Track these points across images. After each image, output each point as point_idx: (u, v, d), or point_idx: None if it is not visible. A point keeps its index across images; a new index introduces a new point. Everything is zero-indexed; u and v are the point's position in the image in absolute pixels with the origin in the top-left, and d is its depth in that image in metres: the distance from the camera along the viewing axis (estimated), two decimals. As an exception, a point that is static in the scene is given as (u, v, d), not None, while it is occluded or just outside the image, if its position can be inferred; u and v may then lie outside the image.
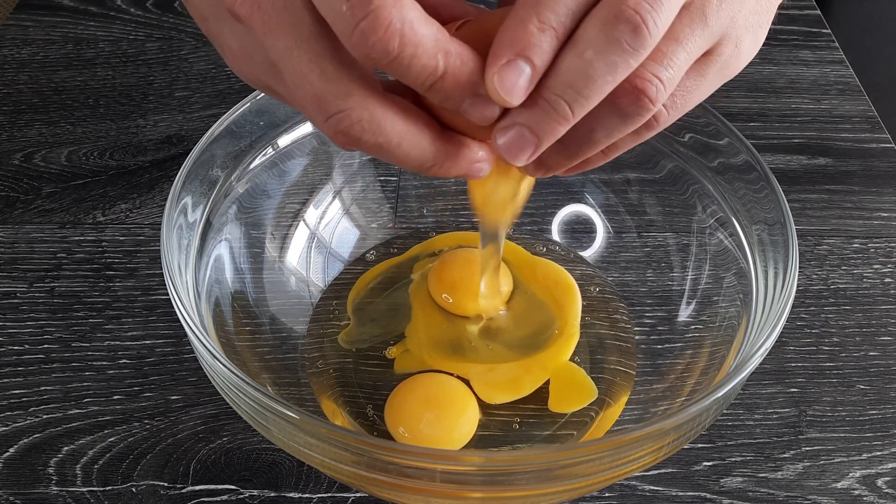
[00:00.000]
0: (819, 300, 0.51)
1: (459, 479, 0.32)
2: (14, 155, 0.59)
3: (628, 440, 0.31)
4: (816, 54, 0.69)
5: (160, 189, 0.56)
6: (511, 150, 0.27)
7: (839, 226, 0.55)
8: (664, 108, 0.28)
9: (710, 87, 0.29)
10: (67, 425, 0.44)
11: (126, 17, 0.71)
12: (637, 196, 0.50)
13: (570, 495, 0.37)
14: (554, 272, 0.49)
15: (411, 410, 0.42)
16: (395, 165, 0.53)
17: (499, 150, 0.27)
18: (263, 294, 0.47)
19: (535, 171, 0.30)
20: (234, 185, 0.45)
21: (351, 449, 0.31)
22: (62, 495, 0.41)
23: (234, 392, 0.33)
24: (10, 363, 0.47)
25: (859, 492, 0.42)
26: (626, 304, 0.48)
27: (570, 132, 0.27)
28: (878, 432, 0.45)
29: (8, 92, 0.63)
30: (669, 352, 0.45)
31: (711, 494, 0.42)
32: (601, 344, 0.47)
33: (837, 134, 0.62)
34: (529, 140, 0.27)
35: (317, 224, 0.50)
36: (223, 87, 0.64)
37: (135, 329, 0.48)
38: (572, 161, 0.29)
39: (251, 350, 0.43)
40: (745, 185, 0.43)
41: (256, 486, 0.42)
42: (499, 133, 0.27)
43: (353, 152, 0.51)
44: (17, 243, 0.53)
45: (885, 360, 0.48)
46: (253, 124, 0.45)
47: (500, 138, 0.27)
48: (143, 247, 0.53)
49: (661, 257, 0.49)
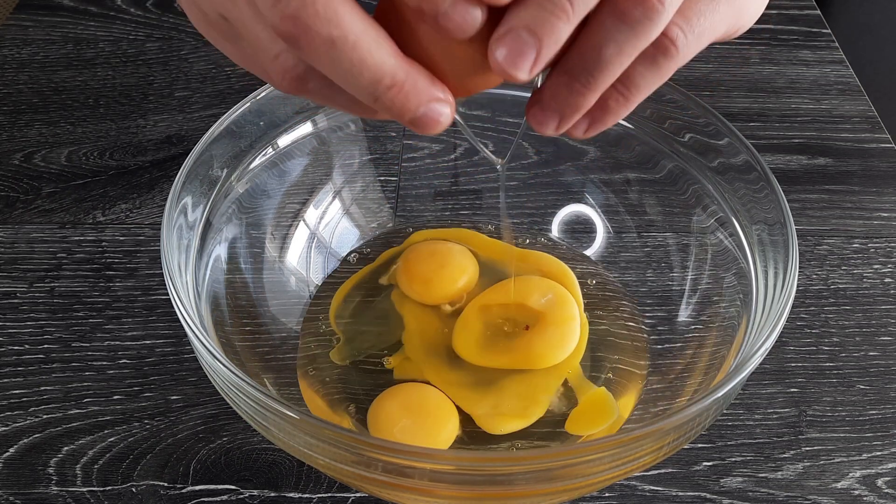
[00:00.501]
0: (819, 300, 0.51)
1: (459, 479, 0.32)
2: (14, 155, 0.59)
3: (628, 440, 0.31)
4: (816, 54, 0.69)
5: (160, 189, 0.56)
6: (511, 58, 0.25)
7: (839, 226, 0.55)
8: (679, 29, 0.27)
9: (724, 15, 0.28)
10: (67, 425, 0.44)
11: (126, 17, 0.71)
12: (637, 196, 0.50)
13: (570, 495, 0.37)
14: (546, 262, 0.49)
15: (388, 417, 0.42)
16: (394, 165, 0.53)
17: (499, 65, 0.25)
18: (263, 294, 0.46)
19: (548, 121, 0.28)
20: (234, 185, 0.45)
21: (351, 449, 0.31)
22: (62, 495, 0.41)
23: (234, 392, 0.33)
24: (10, 363, 0.47)
25: (859, 492, 0.42)
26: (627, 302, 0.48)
27: (578, 55, 0.26)
28: (878, 432, 0.45)
29: (8, 92, 0.63)
30: (669, 352, 0.45)
31: (711, 494, 0.42)
32: (603, 342, 0.47)
33: (837, 134, 0.62)
34: (529, 43, 0.25)
35: (317, 224, 0.50)
36: (223, 87, 0.64)
37: (135, 329, 0.48)
38: (586, 96, 0.27)
39: (251, 350, 0.43)
40: (745, 185, 0.43)
41: (256, 486, 0.42)
42: (496, 45, 0.25)
43: (353, 151, 0.51)
44: (17, 243, 0.53)
45: (885, 360, 0.48)
46: (253, 124, 0.45)
47: (498, 49, 0.25)
48: (143, 247, 0.53)
49: (661, 257, 0.49)
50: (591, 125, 0.29)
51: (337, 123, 0.49)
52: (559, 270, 0.49)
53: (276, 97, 0.45)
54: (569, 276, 0.48)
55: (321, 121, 0.48)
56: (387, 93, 0.25)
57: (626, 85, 0.28)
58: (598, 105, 0.28)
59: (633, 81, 0.28)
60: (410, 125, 0.27)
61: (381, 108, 0.26)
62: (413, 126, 0.27)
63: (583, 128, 0.29)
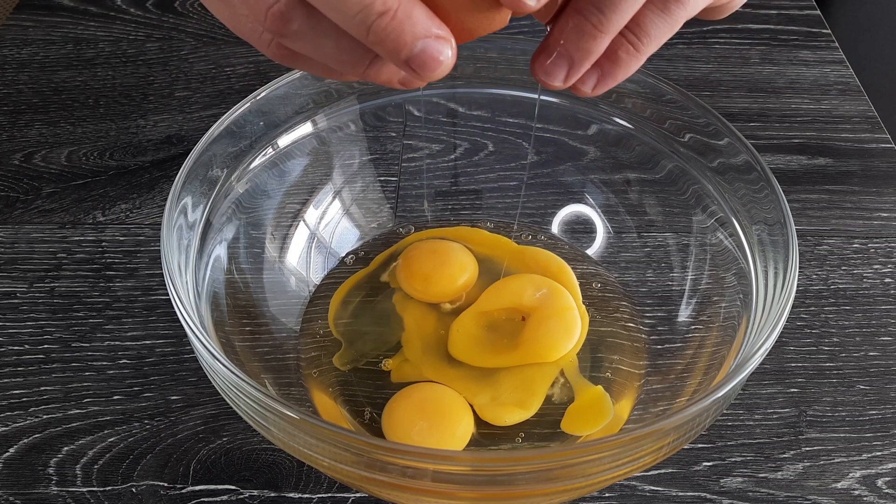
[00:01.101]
0: (819, 300, 0.51)
1: (458, 480, 0.32)
2: (14, 155, 0.59)
3: (628, 440, 0.31)
4: (816, 54, 0.69)
5: (160, 189, 0.56)
6: None
7: (839, 226, 0.55)
8: None
9: None
10: (67, 425, 0.44)
11: (126, 17, 0.71)
12: (637, 196, 0.50)
13: (570, 495, 0.37)
14: (543, 257, 0.49)
15: (404, 419, 0.42)
16: (394, 165, 0.53)
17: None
18: (263, 294, 0.46)
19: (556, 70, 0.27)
20: (234, 185, 0.45)
21: (351, 449, 0.31)
22: (62, 495, 0.41)
23: (234, 392, 0.33)
24: (10, 363, 0.47)
25: (859, 492, 0.42)
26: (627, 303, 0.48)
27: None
28: (878, 432, 0.45)
29: (8, 92, 0.63)
30: (669, 352, 0.45)
31: (711, 494, 0.42)
32: (603, 342, 0.47)
33: (837, 134, 0.62)
34: None
35: (317, 224, 0.50)
36: (223, 87, 0.64)
37: (135, 329, 0.48)
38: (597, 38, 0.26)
39: (251, 350, 0.43)
40: (745, 185, 0.42)
41: (256, 486, 0.42)
42: None
43: (353, 151, 0.51)
44: (17, 243, 0.53)
45: (885, 360, 0.48)
46: (253, 124, 0.45)
47: None
48: (143, 247, 0.53)
49: (661, 257, 0.49)
50: (600, 79, 0.28)
51: (337, 123, 0.49)
52: (556, 265, 0.49)
53: (276, 97, 0.45)
54: (565, 271, 0.48)
55: (321, 121, 0.48)
56: (379, 20, 0.23)
57: (637, 33, 0.27)
58: (607, 55, 0.27)
59: (644, 29, 0.27)
60: (407, 67, 0.24)
61: (374, 41, 0.24)
62: (411, 68, 0.24)
63: (591, 82, 0.28)
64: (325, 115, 0.48)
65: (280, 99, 0.46)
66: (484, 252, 0.50)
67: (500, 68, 0.49)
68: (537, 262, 0.49)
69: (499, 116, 0.52)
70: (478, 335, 0.46)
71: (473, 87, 0.51)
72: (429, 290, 0.47)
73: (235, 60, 0.66)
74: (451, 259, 0.48)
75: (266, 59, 0.66)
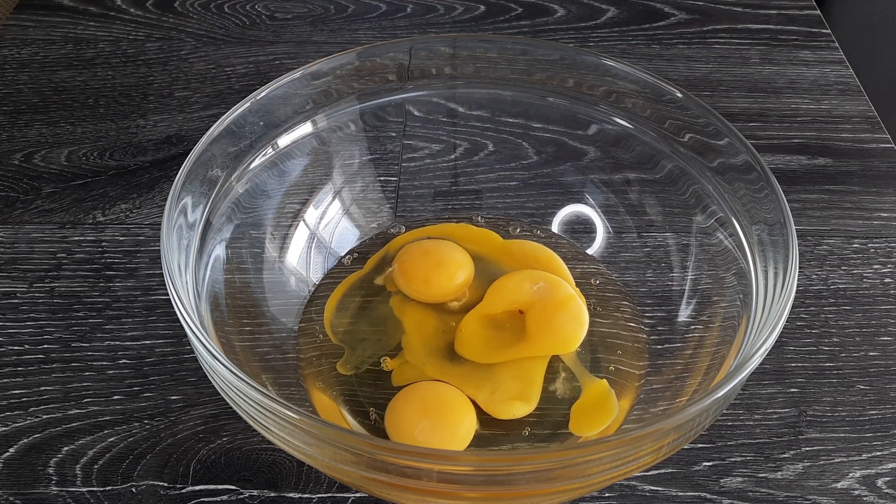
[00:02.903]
0: (819, 300, 0.51)
1: (458, 480, 0.32)
2: (14, 155, 0.59)
3: (628, 440, 0.31)
4: (816, 54, 0.69)
5: (160, 189, 0.56)
6: None
7: (839, 226, 0.55)
8: None
9: None
10: (67, 425, 0.44)
11: (126, 17, 0.71)
12: (637, 196, 0.50)
13: (570, 495, 0.37)
14: (531, 248, 0.49)
15: (407, 419, 0.42)
16: (394, 165, 0.53)
17: None
18: (263, 294, 0.46)
19: None
20: (234, 185, 0.45)
21: (351, 449, 0.31)
22: (62, 495, 0.41)
23: (234, 392, 0.33)
24: (10, 363, 0.47)
25: (859, 492, 0.42)
26: (627, 302, 0.48)
27: None
28: (878, 432, 0.45)
29: (8, 92, 0.63)
30: (669, 352, 0.45)
31: (711, 494, 0.42)
32: (603, 342, 0.47)
33: (837, 134, 0.62)
34: None
35: (316, 224, 0.50)
36: (223, 87, 0.64)
37: (135, 329, 0.48)
38: None
39: (251, 350, 0.43)
40: (745, 185, 0.43)
41: (256, 486, 0.42)
42: None
43: (353, 151, 0.51)
44: (17, 243, 0.53)
45: (885, 360, 0.48)
46: (253, 124, 0.45)
47: None
48: (143, 247, 0.53)
49: (661, 257, 0.49)
50: None
51: (337, 123, 0.49)
52: (544, 255, 0.49)
53: (275, 97, 0.45)
54: (554, 260, 0.48)
55: (321, 121, 0.48)
56: None
57: None
58: None
59: None
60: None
61: None
62: None
63: None
64: (324, 115, 0.48)
65: (280, 99, 0.46)
66: (472, 248, 0.50)
67: (500, 68, 0.50)
68: (525, 254, 0.49)
69: (499, 116, 0.52)
70: (484, 335, 0.46)
71: (473, 87, 0.51)
72: (430, 291, 0.47)
73: (235, 60, 0.66)
74: (446, 258, 0.48)
75: (266, 59, 0.66)
